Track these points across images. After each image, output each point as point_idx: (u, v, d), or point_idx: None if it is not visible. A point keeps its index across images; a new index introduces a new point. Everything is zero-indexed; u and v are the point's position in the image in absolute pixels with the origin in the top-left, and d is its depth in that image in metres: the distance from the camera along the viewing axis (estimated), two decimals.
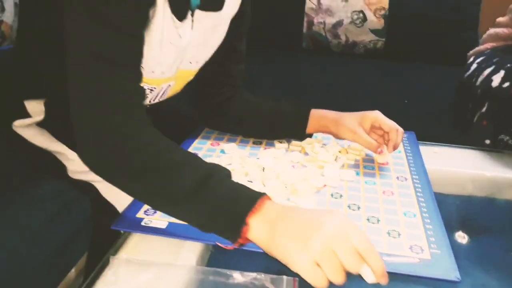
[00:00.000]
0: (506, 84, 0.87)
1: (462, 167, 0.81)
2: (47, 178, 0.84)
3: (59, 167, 0.77)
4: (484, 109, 0.91)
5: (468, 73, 1.11)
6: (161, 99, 0.78)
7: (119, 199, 0.74)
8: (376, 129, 0.78)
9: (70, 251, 0.94)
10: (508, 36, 1.13)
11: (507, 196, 0.75)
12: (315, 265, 0.46)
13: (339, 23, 1.54)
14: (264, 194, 0.53)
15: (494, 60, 1.00)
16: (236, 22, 0.79)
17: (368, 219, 0.62)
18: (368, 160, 0.79)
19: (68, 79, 0.57)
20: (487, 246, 0.63)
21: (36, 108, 0.74)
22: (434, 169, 0.78)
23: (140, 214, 0.62)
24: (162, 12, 0.62)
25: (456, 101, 1.17)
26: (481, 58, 1.10)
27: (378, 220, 0.62)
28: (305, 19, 1.56)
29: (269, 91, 1.31)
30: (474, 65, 1.10)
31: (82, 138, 0.57)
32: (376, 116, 0.77)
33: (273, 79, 1.40)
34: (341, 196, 0.68)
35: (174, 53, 0.68)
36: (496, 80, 0.90)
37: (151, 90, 0.72)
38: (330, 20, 1.54)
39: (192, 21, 0.68)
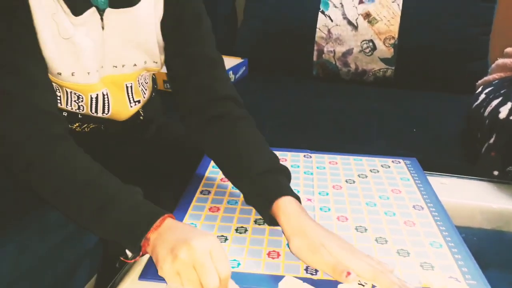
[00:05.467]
0: None
1: (469, 199, 0.81)
2: None
3: None
4: (492, 140, 0.91)
5: (477, 103, 1.11)
6: (108, 113, 0.76)
7: None
8: None
9: (78, 275, 0.95)
10: None
11: None
12: (176, 274, 0.52)
13: (349, 52, 1.56)
14: (154, 219, 0.57)
15: (502, 92, 1.01)
16: (173, 26, 0.74)
17: (398, 252, 0.63)
18: (382, 190, 0.79)
19: None
20: (493, 281, 0.62)
21: None
22: (442, 201, 0.78)
23: None
24: (40, 4, 0.63)
25: (465, 131, 1.17)
26: (489, 89, 1.11)
27: (408, 253, 0.63)
28: (315, 47, 1.59)
29: (279, 117, 1.33)
30: (482, 95, 1.11)
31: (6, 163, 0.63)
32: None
33: (284, 106, 1.42)
34: (366, 230, 0.68)
35: (79, 53, 0.67)
36: (504, 112, 0.90)
37: (79, 97, 0.72)
38: (340, 49, 1.57)
39: (102, 20, 0.68)
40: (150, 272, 0.59)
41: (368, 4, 1.55)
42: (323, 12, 1.57)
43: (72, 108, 0.75)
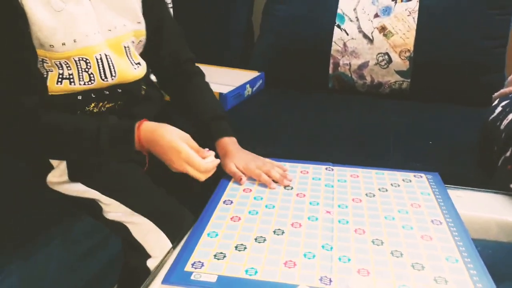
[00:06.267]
0: None
1: (485, 212, 0.81)
2: (84, 216, 0.90)
3: (95, 208, 0.83)
4: (508, 154, 0.92)
5: (493, 116, 1.12)
6: (116, 76, 0.85)
7: (148, 239, 0.79)
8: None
9: (101, 284, 0.98)
10: None
11: None
12: (183, 170, 0.77)
13: (364, 65, 1.58)
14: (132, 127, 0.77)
15: None
16: (151, 5, 0.91)
17: (412, 266, 0.64)
18: (401, 204, 0.80)
19: None
20: None
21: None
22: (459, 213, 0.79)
23: (188, 268, 0.63)
24: None
25: (481, 143, 1.17)
26: (505, 102, 1.11)
27: (423, 267, 0.63)
28: (331, 60, 1.61)
29: (296, 130, 1.35)
30: (499, 108, 1.11)
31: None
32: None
33: (300, 118, 1.44)
34: (382, 243, 0.69)
35: (75, 21, 0.78)
36: None
37: (86, 62, 0.80)
38: (356, 62, 1.59)
39: None
40: (174, 275, 0.62)
41: (384, 18, 1.57)
42: (338, 26, 1.60)
43: (84, 83, 0.81)
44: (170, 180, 0.92)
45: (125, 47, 0.87)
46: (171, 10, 1.79)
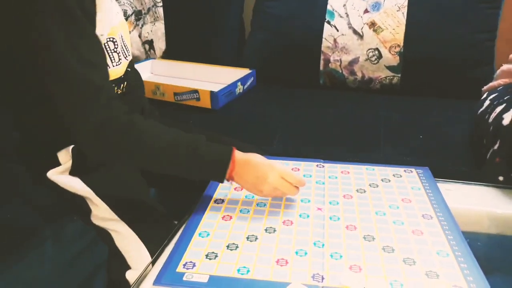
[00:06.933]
0: None
1: (474, 204, 0.83)
2: (76, 217, 0.90)
3: (85, 210, 0.82)
4: (496, 147, 0.93)
5: (482, 109, 1.13)
6: (130, 55, 0.90)
7: (130, 250, 0.79)
8: None
9: (95, 284, 0.98)
10: None
11: None
12: (275, 190, 0.75)
13: (355, 61, 1.59)
14: (230, 152, 0.74)
15: (506, 98, 1.02)
16: None
17: (404, 261, 0.64)
18: (392, 199, 0.81)
19: (53, 96, 0.71)
20: (498, 285, 0.64)
21: (66, 157, 0.82)
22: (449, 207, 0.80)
23: (180, 269, 0.63)
24: None
25: (472, 137, 1.18)
26: (493, 95, 1.12)
27: (414, 262, 0.64)
28: (322, 57, 1.61)
29: (288, 127, 1.36)
30: (487, 102, 1.12)
31: (83, 139, 0.72)
32: None
33: (292, 115, 1.44)
34: (373, 238, 0.70)
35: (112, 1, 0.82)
36: (507, 118, 0.92)
37: (114, 42, 0.83)
38: (346, 58, 1.59)
39: None
40: (165, 276, 0.62)
41: (373, 13, 1.57)
42: (328, 22, 1.60)
43: (116, 64, 0.84)
44: (163, 179, 0.92)
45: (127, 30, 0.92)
46: (160, 9, 1.78)
